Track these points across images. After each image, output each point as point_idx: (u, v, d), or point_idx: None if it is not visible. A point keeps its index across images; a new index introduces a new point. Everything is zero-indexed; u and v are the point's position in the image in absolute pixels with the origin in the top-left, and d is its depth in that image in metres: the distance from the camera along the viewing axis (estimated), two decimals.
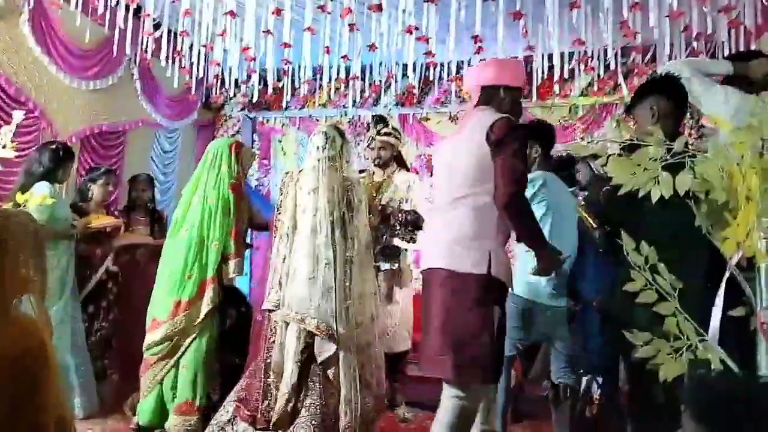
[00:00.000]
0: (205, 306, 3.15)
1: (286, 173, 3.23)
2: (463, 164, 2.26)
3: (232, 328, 3.39)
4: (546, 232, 2.76)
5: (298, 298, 2.82)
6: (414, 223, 3.76)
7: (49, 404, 1.58)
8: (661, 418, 2.10)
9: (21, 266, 1.65)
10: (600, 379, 3.24)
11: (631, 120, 2.55)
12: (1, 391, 1.52)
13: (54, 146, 3.62)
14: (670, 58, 3.94)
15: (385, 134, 3.91)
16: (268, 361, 2.90)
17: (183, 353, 3.16)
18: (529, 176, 2.92)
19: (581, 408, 3.07)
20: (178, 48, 4.71)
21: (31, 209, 3.26)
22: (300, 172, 3.11)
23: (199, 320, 3.15)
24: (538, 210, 2.81)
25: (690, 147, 1.59)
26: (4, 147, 3.41)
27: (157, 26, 4.49)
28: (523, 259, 2.83)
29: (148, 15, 4.29)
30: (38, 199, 3.29)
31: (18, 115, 3.60)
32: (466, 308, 2.16)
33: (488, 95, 2.37)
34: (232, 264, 3.23)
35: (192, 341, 3.16)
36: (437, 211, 2.41)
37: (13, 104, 4.28)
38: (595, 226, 2.94)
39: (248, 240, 3.64)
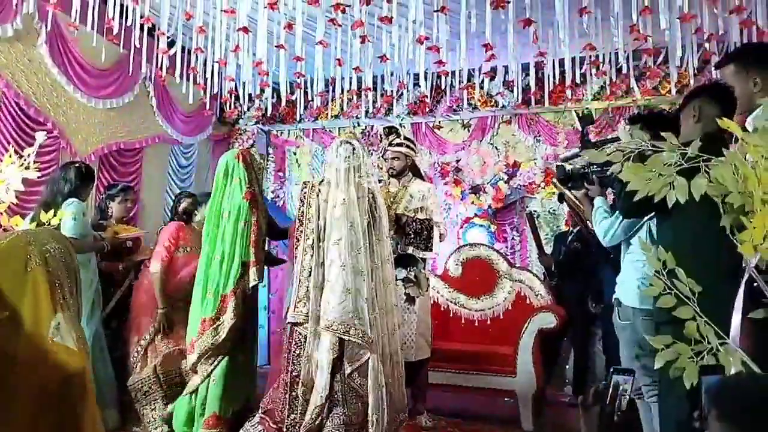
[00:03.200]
0: (227, 322, 3.16)
1: (305, 183, 3.17)
2: None
3: None
4: None
5: (339, 309, 2.78)
6: (428, 232, 3.76)
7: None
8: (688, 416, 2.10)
9: (57, 288, 1.67)
10: (629, 378, 3.21)
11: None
12: (45, 420, 1.54)
13: (78, 165, 3.73)
14: (682, 60, 3.92)
15: (397, 145, 3.93)
16: (294, 374, 2.87)
17: (215, 367, 3.19)
18: None
19: (611, 410, 3.04)
20: (193, 65, 4.75)
21: (66, 226, 3.32)
22: (321, 183, 3.07)
23: (223, 336, 3.15)
24: None
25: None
26: (27, 168, 3.46)
27: (171, 44, 4.53)
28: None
29: (163, 33, 4.33)
30: (69, 215, 3.34)
31: (41, 136, 3.65)
32: None
33: None
34: (252, 271, 3.24)
35: (224, 356, 3.19)
36: None
37: (33, 125, 4.32)
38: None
39: (270, 250, 3.66)
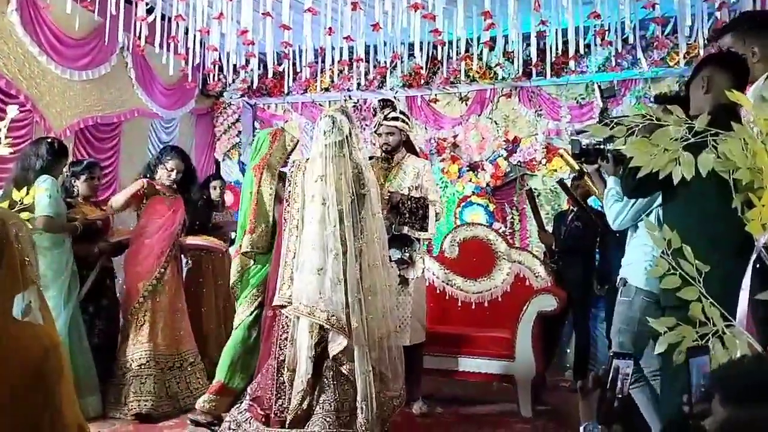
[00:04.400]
0: (230, 281, 3.37)
1: (293, 162, 3.10)
2: None
3: None
4: None
5: (307, 291, 2.73)
6: (423, 212, 3.62)
7: (66, 411, 1.58)
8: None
9: (27, 266, 1.66)
10: (630, 363, 3.15)
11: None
12: (22, 399, 1.50)
13: (50, 140, 3.64)
14: (691, 30, 3.76)
15: (393, 119, 3.78)
16: (281, 358, 2.82)
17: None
18: None
19: (611, 395, 2.97)
20: (173, 33, 4.63)
21: (41, 204, 3.26)
22: (307, 160, 2.99)
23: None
24: None
25: None
26: None
27: (150, 11, 4.40)
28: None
29: (141, 0, 4.17)
30: (44, 191, 3.24)
31: (12, 110, 3.51)
32: None
33: None
34: (245, 239, 3.27)
35: (238, 326, 3.33)
36: None
37: (4, 98, 4.18)
38: (577, 168, 3.04)
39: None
